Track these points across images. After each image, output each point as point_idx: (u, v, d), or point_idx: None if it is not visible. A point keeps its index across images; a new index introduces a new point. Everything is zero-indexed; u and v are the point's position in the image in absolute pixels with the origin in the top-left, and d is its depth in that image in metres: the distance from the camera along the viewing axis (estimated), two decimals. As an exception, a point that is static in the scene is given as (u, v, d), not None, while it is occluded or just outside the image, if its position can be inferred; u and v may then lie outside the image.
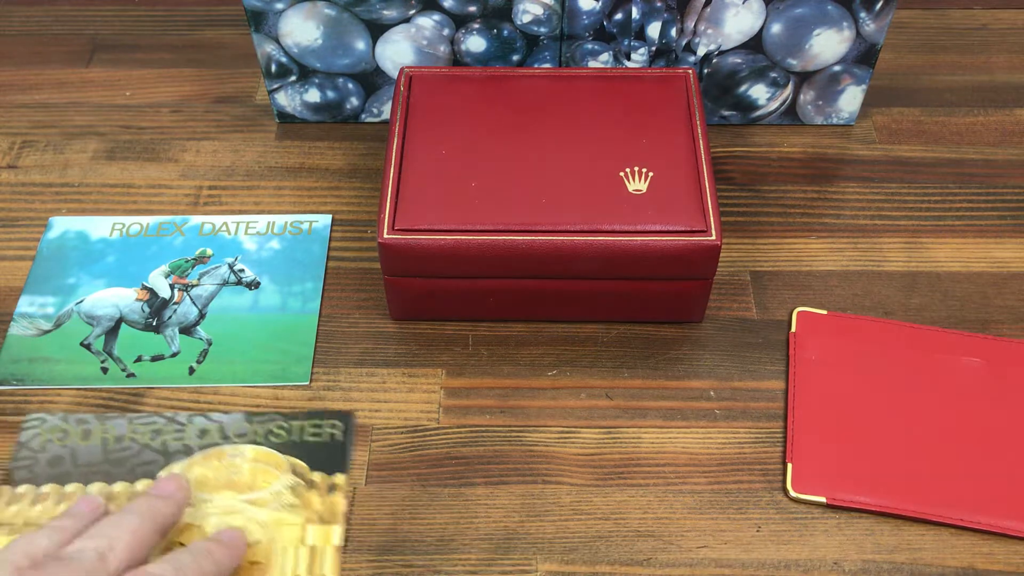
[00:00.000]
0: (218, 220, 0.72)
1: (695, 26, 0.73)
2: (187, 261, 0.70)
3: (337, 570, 0.52)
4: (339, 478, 0.55)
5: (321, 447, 0.57)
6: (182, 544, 0.52)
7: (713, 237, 0.60)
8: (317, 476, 0.55)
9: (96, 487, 0.54)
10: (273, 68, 0.76)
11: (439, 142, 0.65)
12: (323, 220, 0.72)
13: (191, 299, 0.68)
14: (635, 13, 0.72)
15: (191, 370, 0.65)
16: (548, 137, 0.66)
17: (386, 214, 0.62)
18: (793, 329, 0.66)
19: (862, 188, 0.75)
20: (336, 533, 0.53)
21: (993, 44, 0.86)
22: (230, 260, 0.70)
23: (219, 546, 0.51)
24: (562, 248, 0.61)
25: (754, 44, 0.74)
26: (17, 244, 0.72)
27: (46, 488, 0.55)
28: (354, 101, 0.79)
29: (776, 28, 0.73)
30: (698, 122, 0.66)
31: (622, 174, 0.64)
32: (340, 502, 0.54)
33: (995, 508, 0.57)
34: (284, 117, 0.80)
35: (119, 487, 0.55)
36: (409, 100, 0.68)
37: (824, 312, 0.66)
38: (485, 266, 0.62)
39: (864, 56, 0.74)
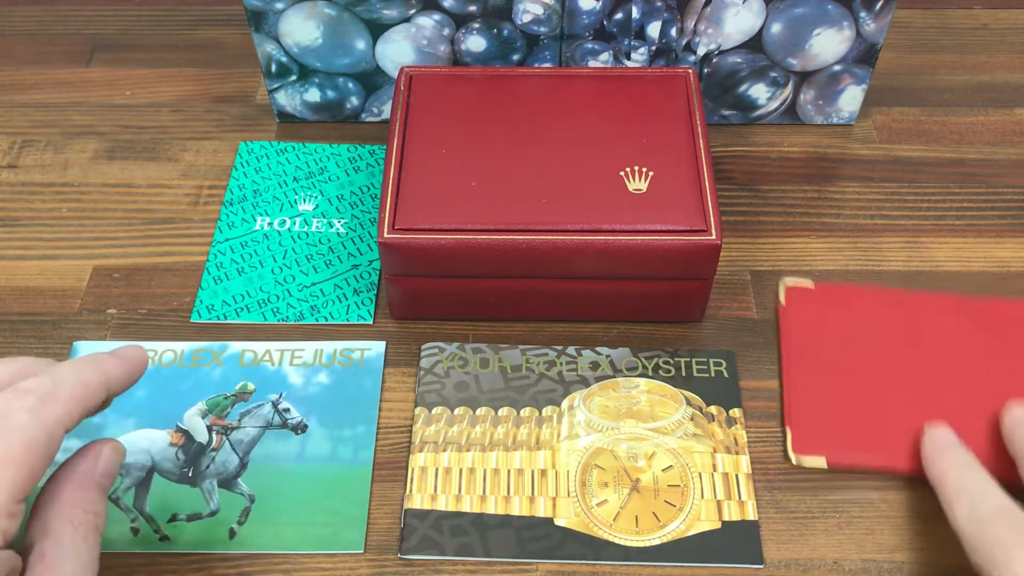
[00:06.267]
0: (260, 348, 0.65)
1: (695, 26, 0.73)
2: (226, 398, 0.63)
3: (753, 496, 0.58)
4: (735, 412, 0.61)
5: (709, 383, 0.62)
6: (599, 467, 0.59)
7: (713, 237, 0.60)
8: (714, 409, 0.61)
9: (505, 411, 0.61)
10: (273, 68, 0.76)
11: (439, 142, 0.66)
12: (376, 348, 0.65)
13: (231, 445, 0.61)
14: (635, 13, 0.72)
15: (232, 533, 0.57)
16: (548, 137, 0.66)
17: (386, 214, 0.62)
18: (782, 302, 0.67)
19: (862, 188, 0.75)
20: (745, 463, 0.59)
21: (993, 44, 0.86)
22: (274, 398, 0.63)
23: (110, 357, 0.49)
24: (562, 248, 0.61)
25: (754, 44, 0.74)
26: (17, 244, 0.72)
27: (459, 411, 0.62)
28: (354, 101, 0.79)
29: (776, 28, 0.73)
30: (698, 122, 0.66)
31: (622, 174, 0.64)
32: (742, 434, 0.60)
33: (988, 464, 0.56)
34: (284, 117, 0.80)
35: (526, 412, 0.61)
36: (409, 100, 0.69)
37: (811, 283, 0.67)
38: (485, 266, 0.62)
39: (864, 56, 0.75)
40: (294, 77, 0.77)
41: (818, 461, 0.59)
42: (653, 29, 0.73)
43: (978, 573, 0.49)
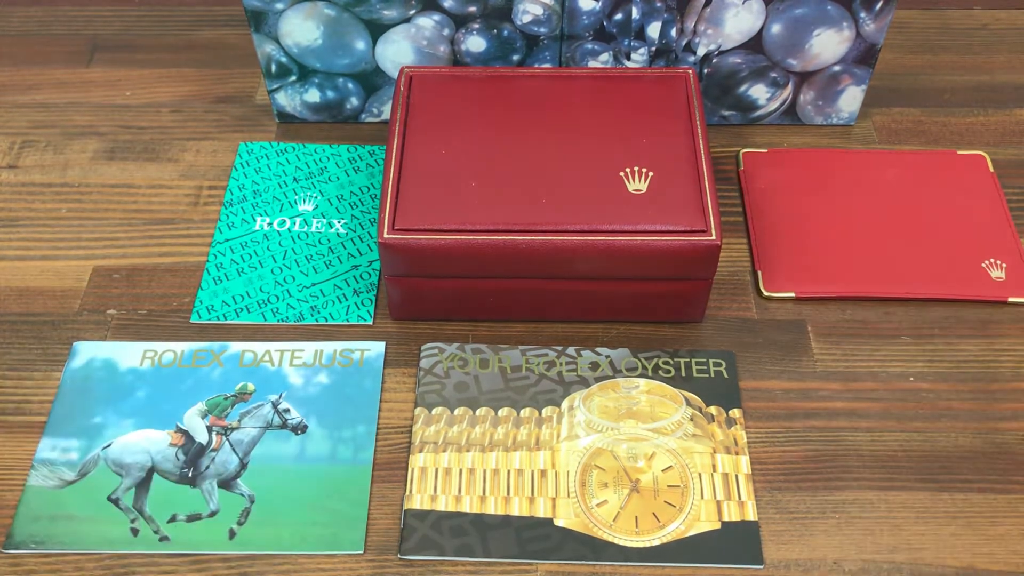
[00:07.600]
0: (260, 348, 0.65)
1: (695, 26, 0.73)
2: (226, 399, 0.63)
3: (753, 497, 0.58)
4: (735, 412, 0.62)
5: (709, 383, 0.63)
6: (599, 468, 0.59)
7: (713, 237, 0.60)
8: (714, 410, 0.62)
9: (505, 412, 0.62)
10: (273, 68, 0.76)
11: (439, 142, 0.65)
12: (376, 349, 0.65)
13: (231, 445, 0.60)
14: (635, 13, 0.72)
15: (231, 533, 0.57)
16: (548, 137, 0.66)
17: (386, 214, 0.62)
18: (742, 167, 0.75)
19: (862, 188, 0.75)
20: (745, 463, 0.60)
21: (993, 44, 0.86)
22: (274, 398, 0.63)
23: None
24: (562, 248, 0.61)
25: (754, 44, 0.74)
26: (18, 244, 0.72)
27: (459, 411, 0.62)
28: (354, 101, 0.79)
29: (776, 28, 0.73)
30: (698, 122, 0.66)
31: (622, 174, 0.64)
32: (742, 435, 0.61)
33: (929, 282, 0.67)
34: (284, 117, 0.80)
35: (526, 413, 0.62)
36: (409, 100, 0.68)
37: (765, 150, 0.76)
38: (485, 266, 0.62)
39: (864, 56, 0.74)
40: (294, 77, 0.77)
41: (787, 295, 0.67)
42: (653, 29, 0.73)
43: None
